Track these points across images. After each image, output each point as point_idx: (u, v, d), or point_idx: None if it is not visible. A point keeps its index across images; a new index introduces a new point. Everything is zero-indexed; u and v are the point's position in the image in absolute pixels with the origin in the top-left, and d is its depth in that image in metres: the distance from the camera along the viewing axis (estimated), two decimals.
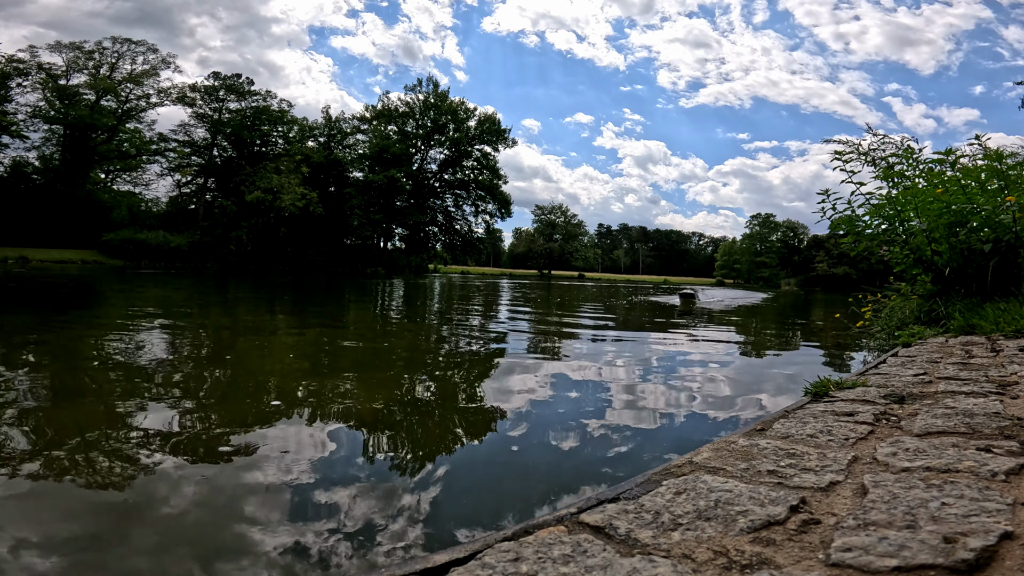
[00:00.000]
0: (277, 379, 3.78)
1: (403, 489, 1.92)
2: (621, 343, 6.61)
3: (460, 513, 1.75)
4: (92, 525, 1.59)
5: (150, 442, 2.28)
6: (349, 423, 2.74)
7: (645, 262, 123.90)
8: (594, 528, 0.91)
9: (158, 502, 1.75)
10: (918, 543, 0.79)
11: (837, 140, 5.90)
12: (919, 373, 2.34)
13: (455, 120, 53.39)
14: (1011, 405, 1.67)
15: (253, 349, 5.10)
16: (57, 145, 39.83)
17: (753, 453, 1.27)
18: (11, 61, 36.88)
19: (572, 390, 3.65)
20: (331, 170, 48.63)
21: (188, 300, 11.12)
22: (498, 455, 2.37)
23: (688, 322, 9.89)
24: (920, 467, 1.13)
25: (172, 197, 46.07)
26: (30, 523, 1.57)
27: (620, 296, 20.50)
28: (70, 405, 2.87)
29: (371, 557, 1.47)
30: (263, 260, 41.82)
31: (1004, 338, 3.54)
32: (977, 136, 5.44)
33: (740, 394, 3.72)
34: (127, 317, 7.43)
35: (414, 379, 4.01)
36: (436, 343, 6.16)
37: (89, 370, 3.81)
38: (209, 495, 1.82)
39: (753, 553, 0.81)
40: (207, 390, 3.34)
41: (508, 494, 1.94)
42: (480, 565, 0.79)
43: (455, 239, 57.57)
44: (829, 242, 62.72)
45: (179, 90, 43.77)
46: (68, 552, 1.44)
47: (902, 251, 5.76)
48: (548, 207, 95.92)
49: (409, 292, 18.31)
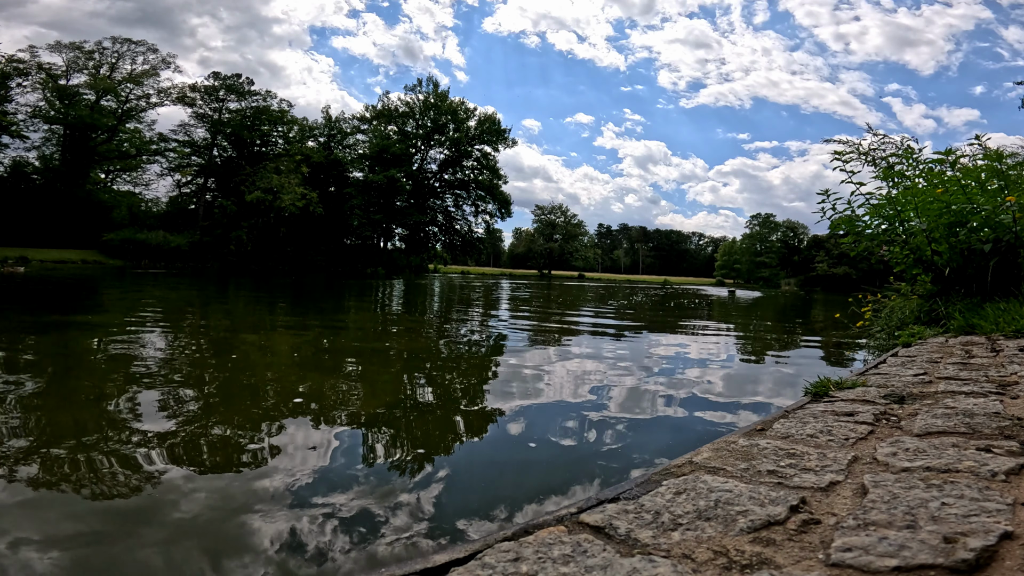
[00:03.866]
0: (277, 379, 3.78)
1: (403, 488, 1.92)
2: (620, 341, 6.61)
3: (460, 513, 1.75)
4: (92, 526, 1.59)
5: (151, 442, 2.28)
6: (349, 423, 2.74)
7: (645, 262, 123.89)
8: (594, 528, 0.91)
9: (159, 502, 1.75)
10: (918, 543, 0.79)
11: (837, 140, 5.91)
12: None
13: (455, 120, 53.39)
14: (1011, 405, 1.67)
15: (254, 349, 5.10)
16: (57, 145, 39.85)
17: (753, 453, 1.27)
18: (11, 61, 36.90)
19: (572, 389, 3.65)
20: (331, 170, 48.63)
21: (189, 300, 11.12)
22: (498, 455, 2.37)
23: (695, 318, 9.89)
24: (920, 467, 1.13)
25: (172, 197, 46.12)
26: (30, 523, 1.57)
27: (621, 296, 20.51)
28: (69, 405, 2.87)
29: (371, 556, 1.47)
30: (263, 260, 41.82)
31: (1004, 338, 3.54)
32: (977, 136, 5.44)
33: (740, 394, 3.72)
34: (127, 317, 7.43)
35: (414, 379, 4.01)
36: (436, 343, 6.16)
37: (89, 370, 3.81)
38: (209, 495, 1.82)
39: (753, 553, 0.81)
40: (207, 390, 3.34)
41: (508, 493, 1.94)
42: (480, 565, 0.79)
43: (455, 239, 57.58)
44: (829, 242, 62.69)
45: (179, 90, 43.83)
46: (68, 553, 1.44)
47: (902, 251, 5.75)
48: (548, 207, 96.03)
49: (409, 292, 18.31)
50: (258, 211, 42.46)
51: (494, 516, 1.73)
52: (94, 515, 1.65)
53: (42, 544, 1.46)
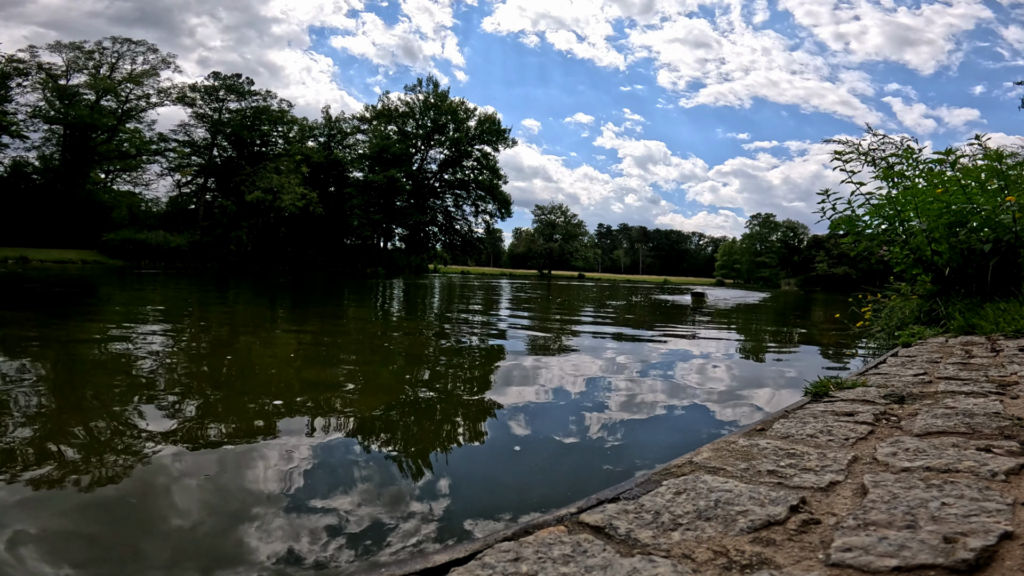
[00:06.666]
0: (277, 378, 3.78)
1: (403, 488, 1.92)
2: (622, 342, 6.61)
3: (460, 512, 1.75)
4: (93, 526, 1.59)
5: (151, 441, 2.28)
6: (348, 422, 2.74)
7: (645, 262, 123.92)
8: (594, 528, 0.91)
9: (159, 502, 1.75)
10: (918, 543, 0.79)
11: (837, 140, 5.91)
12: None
13: (455, 120, 53.41)
14: (1011, 405, 1.67)
15: (254, 349, 5.10)
16: (57, 145, 39.82)
17: (753, 453, 1.27)
18: (11, 61, 36.87)
19: (572, 389, 3.65)
20: (331, 170, 48.64)
21: (189, 300, 11.12)
22: (497, 454, 2.37)
23: (690, 320, 9.88)
24: (920, 467, 1.13)
25: (172, 197, 46.10)
26: (30, 523, 1.57)
27: (620, 296, 20.50)
28: (70, 404, 2.87)
29: (371, 556, 1.47)
30: (263, 260, 41.82)
31: (1004, 338, 3.54)
32: (977, 136, 5.44)
33: (740, 394, 3.72)
34: (128, 317, 7.43)
35: (414, 379, 4.01)
36: (436, 343, 6.16)
37: (89, 370, 3.81)
38: (207, 493, 1.82)
39: (753, 553, 0.81)
40: (207, 389, 3.34)
41: (507, 493, 1.94)
42: (480, 565, 0.79)
43: (455, 239, 57.59)
44: (829, 242, 62.73)
45: (179, 90, 43.80)
46: (69, 553, 1.44)
47: (902, 251, 5.76)
48: (548, 207, 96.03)
49: (409, 292, 18.31)
50: (258, 211, 42.46)
51: (494, 515, 1.73)
52: (93, 513, 1.65)
53: (42, 544, 1.46)
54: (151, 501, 1.76)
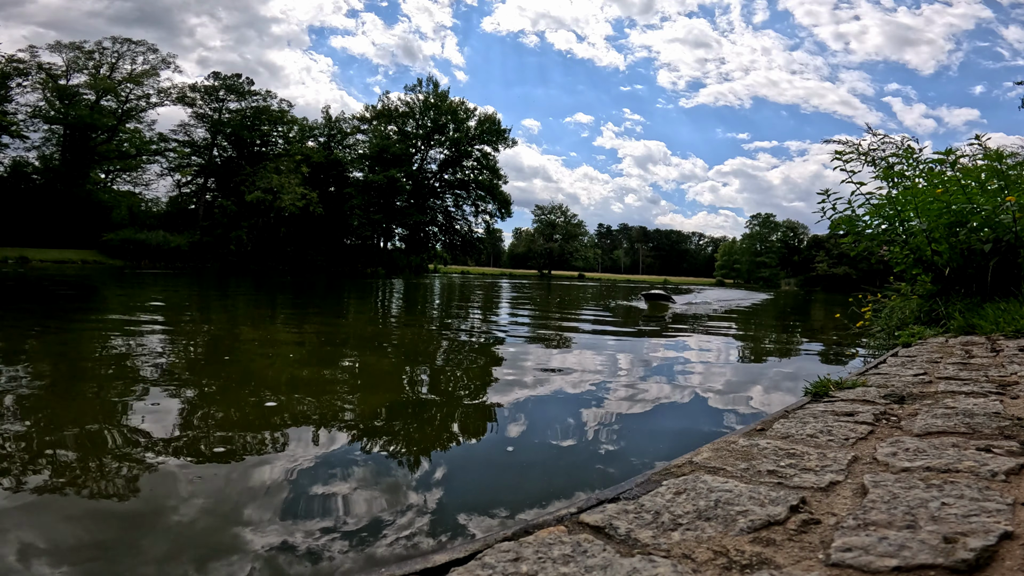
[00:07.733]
0: (278, 378, 3.78)
1: (403, 488, 1.92)
2: (623, 342, 6.61)
3: (460, 512, 1.75)
4: (92, 526, 1.59)
5: (150, 441, 2.28)
6: (348, 421, 2.74)
7: (645, 262, 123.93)
8: (594, 528, 0.91)
9: (159, 501, 1.75)
10: (918, 543, 0.79)
11: (837, 140, 5.91)
12: (919, 373, 2.34)
13: (455, 120, 53.42)
14: (1011, 405, 1.67)
15: (254, 348, 5.10)
16: (57, 145, 39.82)
17: (753, 453, 1.27)
18: (11, 61, 36.87)
19: (572, 389, 3.64)
20: (331, 170, 48.64)
21: (189, 300, 11.12)
22: (496, 454, 2.37)
23: (689, 324, 9.89)
24: (920, 467, 1.13)
25: (172, 197, 46.11)
26: (31, 524, 1.57)
27: (617, 296, 20.51)
28: (69, 404, 2.87)
29: (371, 556, 1.47)
30: (263, 260, 41.82)
31: (1004, 338, 3.54)
32: (977, 136, 5.44)
33: (740, 394, 3.72)
34: (128, 317, 7.43)
35: (414, 378, 4.01)
36: (436, 343, 6.16)
37: (90, 370, 3.81)
38: (205, 491, 1.81)
39: (753, 553, 0.81)
40: (206, 388, 3.34)
41: (507, 493, 1.93)
42: (480, 565, 0.79)
43: (455, 239, 57.60)
44: (829, 242, 62.74)
45: (179, 90, 43.81)
46: (70, 553, 1.44)
47: (902, 251, 5.76)
48: (548, 207, 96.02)
49: (409, 292, 18.31)
50: (258, 211, 42.46)
51: (494, 515, 1.73)
52: (93, 511, 1.65)
53: (41, 542, 1.46)
54: (147, 499, 1.76)
